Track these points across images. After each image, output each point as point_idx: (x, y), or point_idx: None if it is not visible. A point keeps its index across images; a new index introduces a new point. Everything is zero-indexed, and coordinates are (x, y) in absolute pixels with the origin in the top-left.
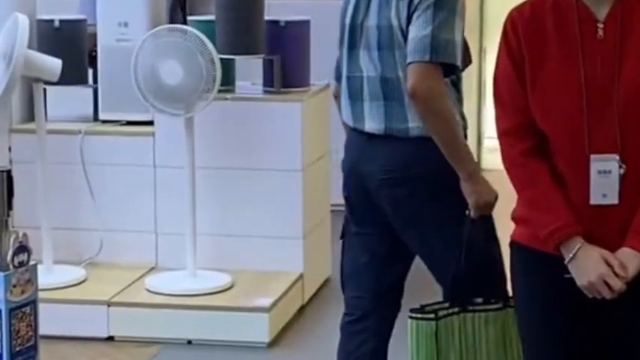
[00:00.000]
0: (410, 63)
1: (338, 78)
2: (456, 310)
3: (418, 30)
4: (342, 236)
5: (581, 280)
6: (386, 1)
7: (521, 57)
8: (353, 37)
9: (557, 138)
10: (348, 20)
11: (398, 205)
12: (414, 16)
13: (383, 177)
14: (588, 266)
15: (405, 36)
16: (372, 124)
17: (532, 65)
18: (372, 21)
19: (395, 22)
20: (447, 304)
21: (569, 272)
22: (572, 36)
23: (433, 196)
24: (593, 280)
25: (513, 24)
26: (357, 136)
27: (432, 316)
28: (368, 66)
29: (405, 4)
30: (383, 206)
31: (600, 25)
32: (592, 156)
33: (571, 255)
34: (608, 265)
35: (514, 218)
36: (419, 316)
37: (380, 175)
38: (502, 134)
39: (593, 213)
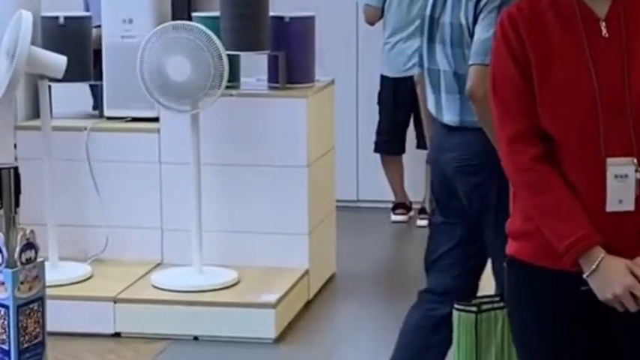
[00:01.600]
0: (471, 65)
1: (421, 65)
2: (501, 304)
3: (481, 32)
4: (430, 224)
5: (604, 294)
6: None
7: (525, 58)
8: (431, 30)
9: (570, 141)
10: (427, 13)
11: (472, 193)
12: (480, 17)
13: (458, 165)
14: (613, 278)
15: (471, 36)
16: (449, 116)
17: (539, 66)
18: (446, 17)
19: (464, 21)
20: (497, 298)
21: (584, 285)
22: (576, 34)
23: (500, 186)
24: (618, 292)
25: (513, 23)
26: (439, 127)
27: (474, 308)
28: (443, 60)
29: (472, 4)
30: (460, 195)
31: (603, 23)
32: (608, 160)
33: (593, 267)
34: (634, 275)
35: (512, 232)
36: (462, 307)
37: (455, 163)
38: (509, 140)
39: (609, 221)
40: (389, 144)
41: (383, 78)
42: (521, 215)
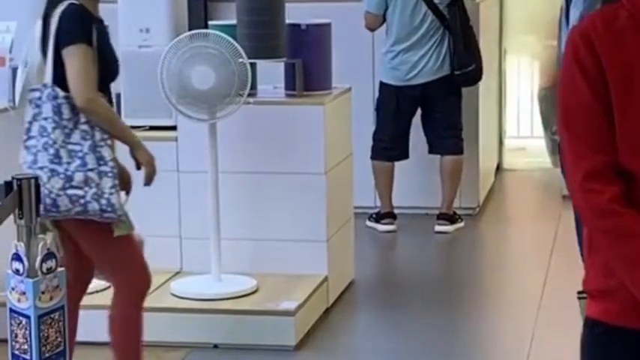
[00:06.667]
0: None
1: None
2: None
3: None
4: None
5: None
6: None
7: (602, 82)
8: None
9: None
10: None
11: None
12: None
13: None
14: None
15: None
16: None
17: (618, 90)
18: None
19: None
20: None
21: None
22: None
23: None
24: None
25: (587, 41)
26: None
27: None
28: None
29: None
30: None
31: None
32: None
33: None
34: None
35: (592, 290)
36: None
37: None
38: (584, 179)
39: None
40: (391, 151)
41: (383, 85)
42: (602, 270)
